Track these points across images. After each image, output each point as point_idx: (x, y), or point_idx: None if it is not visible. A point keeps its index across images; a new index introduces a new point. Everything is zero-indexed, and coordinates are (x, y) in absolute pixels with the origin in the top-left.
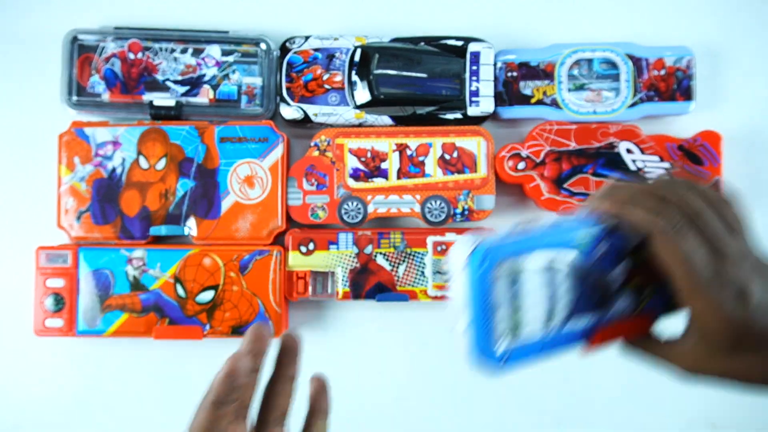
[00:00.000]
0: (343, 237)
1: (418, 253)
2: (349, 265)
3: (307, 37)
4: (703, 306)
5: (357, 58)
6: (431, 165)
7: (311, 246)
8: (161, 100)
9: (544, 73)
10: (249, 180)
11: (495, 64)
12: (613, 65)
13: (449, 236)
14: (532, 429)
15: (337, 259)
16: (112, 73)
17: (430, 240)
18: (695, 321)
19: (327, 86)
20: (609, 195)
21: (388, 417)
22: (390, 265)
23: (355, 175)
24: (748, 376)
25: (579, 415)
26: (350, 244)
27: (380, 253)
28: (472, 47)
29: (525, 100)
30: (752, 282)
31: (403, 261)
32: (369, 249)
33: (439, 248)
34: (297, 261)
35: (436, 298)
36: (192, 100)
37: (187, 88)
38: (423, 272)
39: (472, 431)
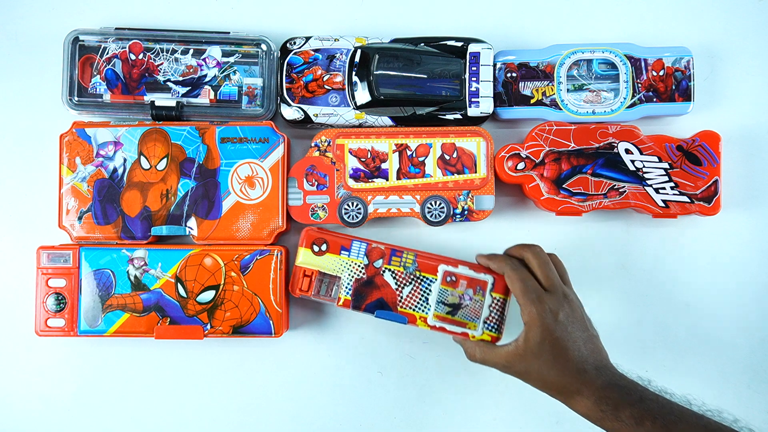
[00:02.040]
0: (357, 245)
1: (427, 278)
2: (356, 275)
3: (307, 38)
4: (530, 315)
5: (357, 58)
6: (431, 165)
7: (324, 247)
8: (162, 100)
9: (544, 74)
10: (250, 180)
11: (495, 65)
12: (612, 66)
13: (462, 269)
14: (532, 429)
15: (345, 266)
16: (114, 74)
17: (442, 268)
18: (526, 326)
19: (327, 87)
20: (483, 256)
21: (389, 417)
22: (396, 283)
23: (356, 176)
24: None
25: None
26: (362, 254)
27: (389, 270)
28: (472, 48)
29: (524, 100)
30: (561, 307)
31: (410, 283)
32: (379, 263)
33: (449, 279)
34: (307, 259)
35: (434, 328)
36: (193, 100)
37: (188, 88)
38: (427, 299)
39: (473, 431)
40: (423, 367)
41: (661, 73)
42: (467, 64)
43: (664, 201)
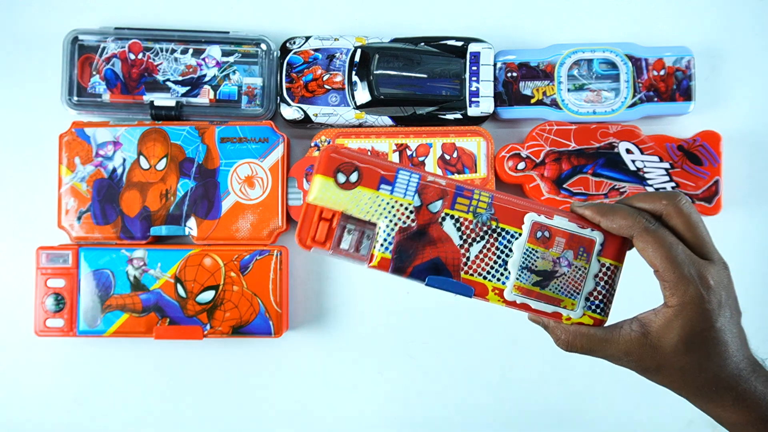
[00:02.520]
0: (404, 176)
1: (507, 231)
2: (401, 221)
3: (307, 38)
4: (687, 296)
5: (357, 58)
6: (431, 165)
7: (354, 177)
8: (162, 100)
9: (544, 74)
10: (249, 180)
11: (495, 65)
12: (612, 65)
13: (559, 221)
14: (533, 428)
15: (385, 207)
16: (113, 74)
17: (530, 218)
18: (672, 309)
19: (327, 86)
20: (590, 205)
21: (389, 417)
22: (461, 238)
23: None
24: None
25: (579, 414)
26: (411, 191)
27: (451, 217)
28: (472, 47)
29: (525, 100)
30: (725, 285)
31: (482, 237)
32: (437, 206)
33: (539, 234)
34: (327, 193)
35: (512, 304)
36: (192, 100)
37: (187, 88)
38: (506, 262)
39: (473, 431)
40: (423, 366)
41: (661, 72)
42: (467, 63)
43: None
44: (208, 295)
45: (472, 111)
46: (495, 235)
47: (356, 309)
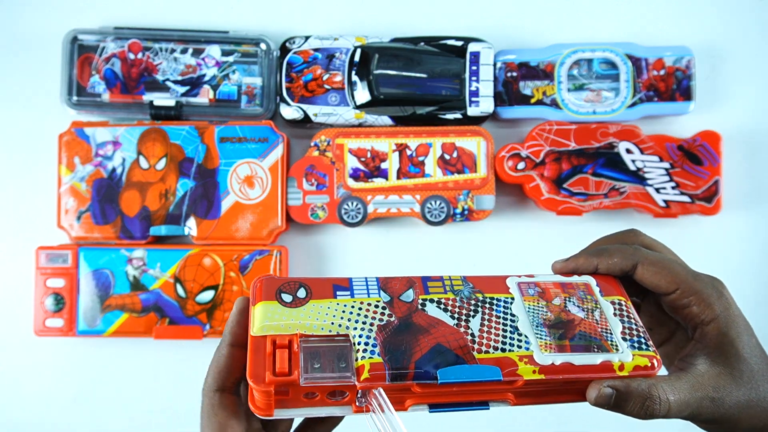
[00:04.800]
0: (360, 281)
1: (498, 299)
2: (377, 320)
3: (307, 38)
4: (722, 308)
5: (357, 58)
6: (431, 165)
7: (302, 292)
8: (161, 100)
9: (544, 73)
10: (249, 180)
11: (495, 64)
12: (612, 65)
13: (541, 278)
14: (534, 428)
15: (351, 312)
16: (112, 73)
17: (513, 282)
18: (714, 326)
19: (327, 86)
20: (575, 256)
21: None
22: (453, 317)
23: (355, 175)
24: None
25: (579, 414)
26: (374, 290)
27: (431, 300)
28: (472, 47)
29: (525, 100)
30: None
31: (476, 311)
32: (410, 295)
33: (531, 291)
34: (275, 318)
35: (550, 370)
36: (192, 100)
37: (187, 88)
38: (516, 328)
39: (475, 430)
40: None
41: (661, 72)
42: (467, 63)
43: (664, 201)
44: (207, 295)
45: (471, 111)
46: (488, 305)
47: None
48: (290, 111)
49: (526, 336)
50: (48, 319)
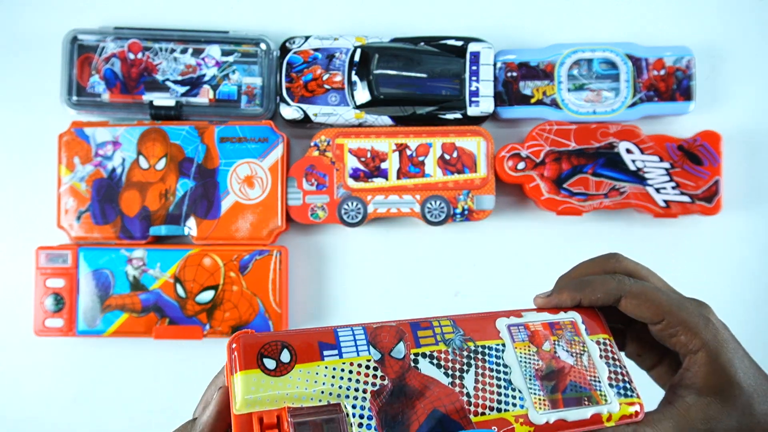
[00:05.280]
0: (347, 333)
1: (490, 347)
2: (369, 385)
3: (307, 37)
4: (710, 333)
5: (357, 58)
6: (431, 165)
7: (286, 356)
8: (161, 100)
9: (544, 73)
10: (249, 180)
11: (495, 64)
12: (612, 65)
13: (529, 316)
14: None
15: (342, 377)
16: (112, 73)
17: (503, 324)
18: (706, 353)
19: (327, 86)
20: (559, 290)
21: None
22: (447, 374)
23: (355, 175)
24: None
25: None
26: (363, 344)
27: (423, 355)
28: (472, 47)
29: (525, 100)
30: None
31: (469, 365)
32: (401, 350)
33: (520, 336)
34: (259, 390)
35: (546, 428)
36: (192, 100)
37: (187, 88)
38: (510, 381)
39: None
40: None
41: (662, 72)
42: (467, 63)
43: (664, 201)
44: (207, 295)
45: (471, 111)
46: (480, 356)
47: (356, 309)
48: (290, 111)
49: (519, 391)
50: (48, 319)
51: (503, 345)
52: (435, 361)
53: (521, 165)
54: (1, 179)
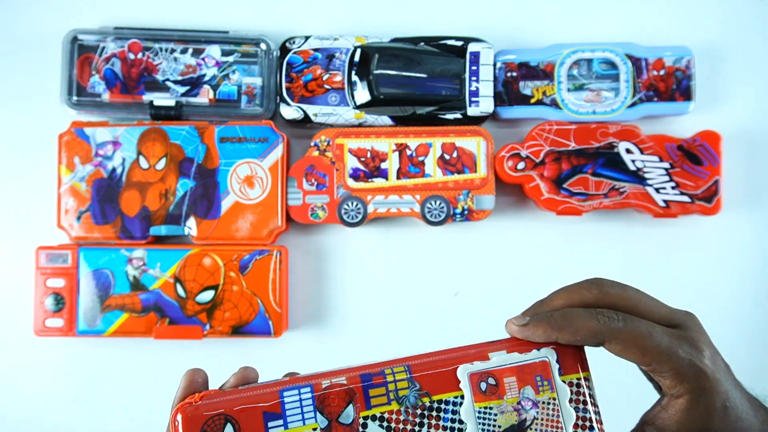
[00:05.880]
0: (293, 397)
1: (447, 402)
2: None
3: (307, 38)
4: (695, 380)
5: (357, 58)
6: (431, 165)
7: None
8: (161, 100)
9: (544, 73)
10: (249, 180)
11: (495, 64)
12: (612, 65)
13: (497, 359)
14: None
15: None
16: (112, 73)
17: (464, 372)
18: (691, 394)
19: (327, 86)
20: (534, 321)
21: None
22: None
23: (355, 175)
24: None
25: None
26: (310, 411)
27: (372, 418)
28: (472, 47)
29: (524, 100)
30: (708, 342)
31: (421, 425)
32: (349, 414)
33: (483, 385)
34: None
35: None
36: (192, 100)
37: (187, 88)
38: None
39: None
40: None
41: (661, 72)
42: (467, 63)
43: (664, 201)
44: (207, 295)
45: (471, 111)
46: (434, 413)
47: (356, 309)
48: (290, 111)
49: None
50: (48, 319)
51: (462, 397)
52: (385, 424)
53: (521, 165)
54: (1, 179)
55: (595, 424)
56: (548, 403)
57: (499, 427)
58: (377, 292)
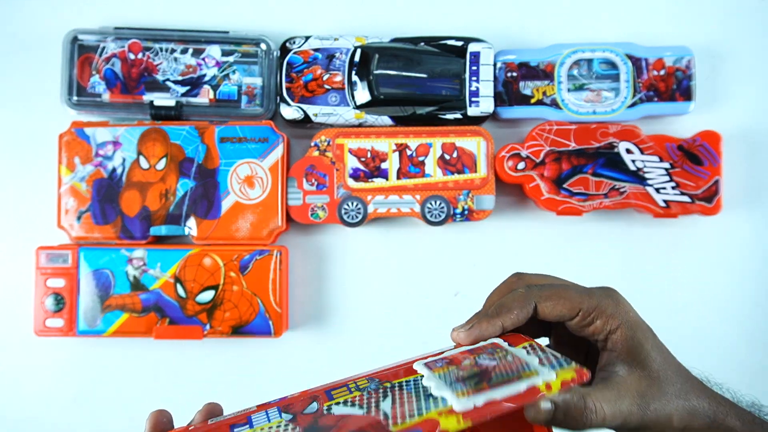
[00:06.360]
0: (260, 415)
1: (408, 381)
2: None
3: (307, 38)
4: (621, 309)
5: (357, 58)
6: (431, 165)
7: None
8: (161, 100)
9: (544, 74)
10: (249, 180)
11: (495, 64)
12: (612, 65)
13: (448, 352)
14: None
15: None
16: (113, 74)
17: (420, 364)
18: (627, 322)
19: (327, 86)
20: (478, 322)
21: None
22: (362, 408)
23: (355, 175)
24: None
25: None
26: (275, 415)
27: (337, 403)
28: (472, 47)
29: (525, 100)
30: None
31: (385, 396)
32: (313, 407)
33: (440, 364)
34: None
35: (475, 413)
36: (192, 100)
37: (187, 88)
38: (429, 394)
39: None
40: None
41: (661, 72)
42: (467, 63)
43: (664, 201)
44: (207, 295)
45: (472, 111)
46: (397, 388)
47: (356, 309)
48: (290, 111)
49: (442, 397)
50: (48, 319)
51: (421, 376)
52: (349, 403)
53: (521, 165)
54: (1, 179)
55: (560, 358)
56: (506, 356)
57: (464, 375)
58: (377, 292)
